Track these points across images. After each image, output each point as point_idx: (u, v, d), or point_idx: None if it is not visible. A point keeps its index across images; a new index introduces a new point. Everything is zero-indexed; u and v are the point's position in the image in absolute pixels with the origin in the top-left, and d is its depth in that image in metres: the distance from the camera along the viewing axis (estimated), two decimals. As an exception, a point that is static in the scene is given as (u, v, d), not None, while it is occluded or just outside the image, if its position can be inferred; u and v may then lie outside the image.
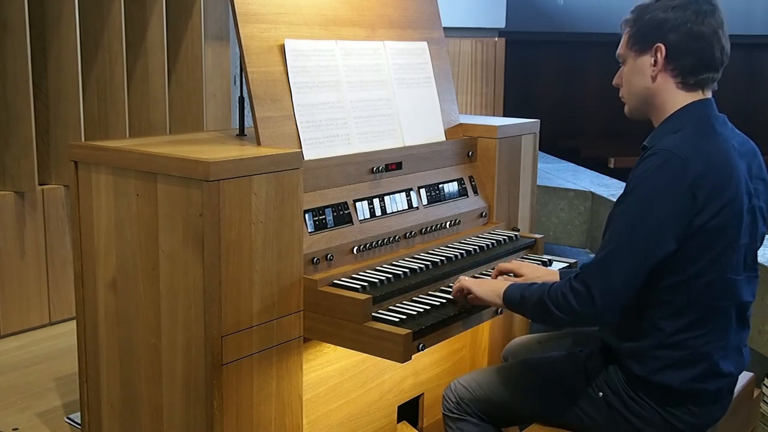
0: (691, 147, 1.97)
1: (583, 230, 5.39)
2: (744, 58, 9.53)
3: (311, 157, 2.43)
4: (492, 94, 6.25)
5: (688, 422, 2.10)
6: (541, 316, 2.10)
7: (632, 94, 2.17)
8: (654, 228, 1.94)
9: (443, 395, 2.39)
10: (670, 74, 2.08)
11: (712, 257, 1.98)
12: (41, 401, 3.06)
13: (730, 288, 2.04)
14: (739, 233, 2.00)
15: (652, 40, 2.08)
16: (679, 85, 2.09)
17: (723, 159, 1.99)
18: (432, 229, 2.74)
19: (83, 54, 3.84)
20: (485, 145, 3.00)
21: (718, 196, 1.95)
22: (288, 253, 2.25)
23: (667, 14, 2.06)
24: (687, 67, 2.07)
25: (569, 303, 2.00)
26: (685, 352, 2.04)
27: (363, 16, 2.78)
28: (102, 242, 2.35)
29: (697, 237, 1.96)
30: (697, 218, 1.94)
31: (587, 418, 2.17)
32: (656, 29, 2.07)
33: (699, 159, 1.95)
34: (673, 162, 1.94)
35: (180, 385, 2.21)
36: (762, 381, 3.34)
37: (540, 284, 2.12)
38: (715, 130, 2.05)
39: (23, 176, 3.67)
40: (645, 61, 2.10)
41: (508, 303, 2.18)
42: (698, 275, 1.99)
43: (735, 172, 2.00)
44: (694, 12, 2.04)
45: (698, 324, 2.03)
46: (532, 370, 2.31)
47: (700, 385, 2.06)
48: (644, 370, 2.07)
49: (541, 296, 2.06)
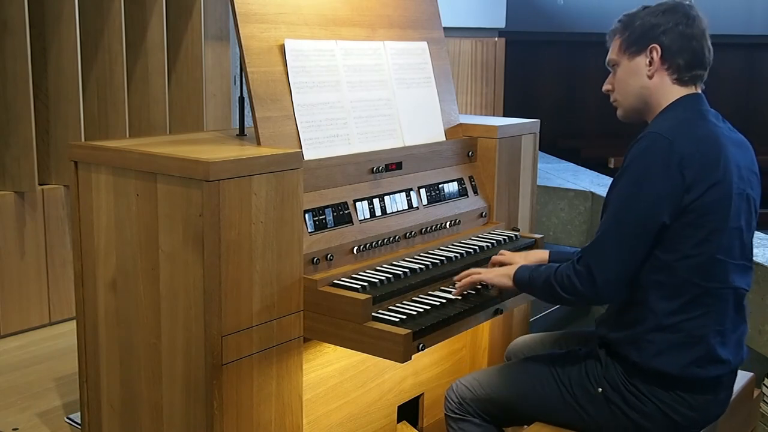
0: (679, 129, 2.07)
1: (583, 230, 5.39)
2: (744, 58, 9.54)
3: (311, 157, 2.43)
4: (492, 94, 6.24)
5: (686, 415, 2.11)
6: (549, 296, 2.21)
7: (628, 95, 2.25)
8: (647, 206, 2.03)
9: (445, 396, 2.40)
10: (665, 72, 2.18)
11: (701, 237, 2.05)
12: (41, 401, 3.05)
13: (721, 270, 2.09)
14: (728, 214, 2.07)
15: (647, 42, 2.18)
16: (675, 81, 2.19)
17: (712, 141, 2.08)
18: (432, 229, 2.74)
19: (83, 54, 3.84)
20: (485, 145, 3.00)
21: (707, 175, 2.03)
22: (288, 253, 2.25)
23: (657, 19, 2.18)
24: (682, 65, 2.17)
25: (573, 284, 2.10)
26: (680, 335, 2.09)
27: (363, 16, 2.78)
28: (102, 242, 2.35)
29: (685, 215, 2.03)
30: (686, 196, 2.02)
31: (587, 416, 2.19)
32: (649, 32, 2.18)
33: (686, 140, 2.04)
34: (660, 143, 2.03)
35: (180, 385, 2.21)
36: (762, 381, 3.34)
37: (547, 266, 2.23)
38: (706, 118, 2.14)
39: (23, 176, 3.67)
40: (640, 62, 2.20)
41: (517, 283, 2.29)
42: (688, 255, 2.05)
43: (724, 154, 2.08)
44: (683, 15, 2.17)
45: (692, 305, 2.08)
46: (533, 369, 2.33)
47: (698, 370, 2.09)
48: (641, 356, 2.10)
49: (548, 278, 2.17)
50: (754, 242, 2.25)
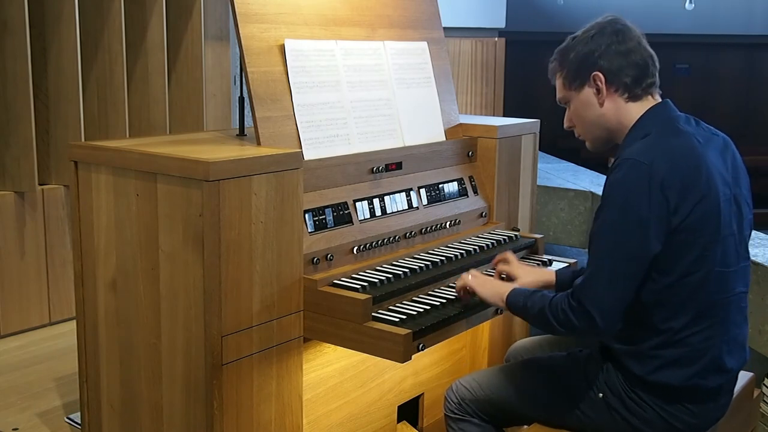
0: (654, 150, 2.01)
1: (583, 230, 5.38)
2: (744, 58, 9.53)
3: (311, 157, 2.43)
4: (492, 94, 6.24)
5: (687, 422, 2.10)
6: (543, 326, 2.16)
7: (589, 128, 2.22)
8: (635, 235, 1.98)
9: (445, 396, 2.40)
10: (616, 94, 2.14)
11: (697, 254, 2.00)
12: (41, 401, 3.05)
13: (722, 281, 2.06)
14: (719, 226, 2.02)
15: (587, 72, 2.15)
16: (629, 100, 2.14)
17: (689, 156, 2.02)
18: (432, 229, 2.74)
19: (83, 54, 3.84)
20: (485, 145, 3.00)
21: (690, 193, 1.98)
22: (288, 253, 2.25)
23: (589, 45, 2.14)
24: (629, 82, 2.13)
25: (569, 320, 2.04)
26: (686, 350, 2.05)
27: (363, 16, 2.78)
28: (102, 242, 2.35)
29: (677, 236, 1.98)
30: (674, 218, 1.97)
31: (587, 418, 2.18)
32: (586, 61, 2.15)
33: (663, 161, 1.98)
34: (638, 169, 1.98)
35: (180, 385, 2.21)
36: (762, 381, 3.34)
37: (541, 294, 2.17)
38: (679, 129, 2.09)
39: (23, 176, 3.67)
40: (588, 93, 2.17)
41: (510, 307, 2.24)
42: (687, 273, 2.01)
43: (704, 166, 2.02)
44: (612, 33, 2.13)
45: (698, 320, 2.05)
46: (533, 371, 2.32)
47: (701, 381, 2.07)
48: (644, 370, 2.07)
49: (543, 308, 2.11)
50: (754, 242, 2.24)
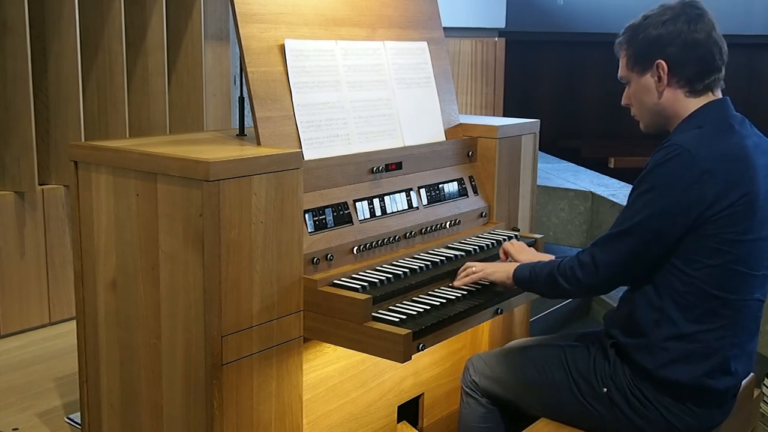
0: (704, 143, 2.01)
1: (583, 230, 5.39)
2: (744, 57, 9.53)
3: (311, 157, 2.43)
4: (492, 94, 6.24)
5: (688, 424, 2.10)
6: (550, 289, 2.23)
7: (644, 112, 2.20)
8: (663, 216, 2.00)
9: (465, 365, 2.50)
10: (677, 86, 2.12)
11: (719, 247, 2.01)
12: (41, 401, 3.05)
13: (743, 282, 2.05)
14: (751, 226, 2.02)
15: (652, 57, 2.12)
16: (688, 94, 2.12)
17: (737, 154, 2.02)
18: (432, 229, 2.74)
19: (83, 54, 3.83)
20: (485, 145, 3.00)
21: (731, 190, 1.98)
22: (288, 253, 2.25)
23: (659, 30, 2.10)
24: (692, 76, 2.10)
25: (575, 274, 2.14)
26: (697, 345, 2.06)
27: (363, 16, 2.78)
28: (102, 242, 2.35)
29: (704, 227, 1.99)
30: (706, 210, 1.98)
31: (592, 408, 2.20)
32: (653, 46, 2.11)
33: (710, 154, 1.98)
34: (683, 155, 1.99)
35: (180, 385, 2.21)
36: (762, 381, 3.34)
37: (549, 261, 2.26)
38: (732, 127, 2.08)
39: (23, 176, 3.67)
40: (649, 80, 2.14)
41: (518, 281, 2.32)
42: (706, 265, 2.02)
43: (752, 167, 2.02)
44: (685, 22, 2.08)
45: (711, 317, 2.05)
46: (543, 356, 2.36)
47: (710, 381, 2.07)
48: (654, 363, 2.08)
49: (551, 271, 2.20)
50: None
